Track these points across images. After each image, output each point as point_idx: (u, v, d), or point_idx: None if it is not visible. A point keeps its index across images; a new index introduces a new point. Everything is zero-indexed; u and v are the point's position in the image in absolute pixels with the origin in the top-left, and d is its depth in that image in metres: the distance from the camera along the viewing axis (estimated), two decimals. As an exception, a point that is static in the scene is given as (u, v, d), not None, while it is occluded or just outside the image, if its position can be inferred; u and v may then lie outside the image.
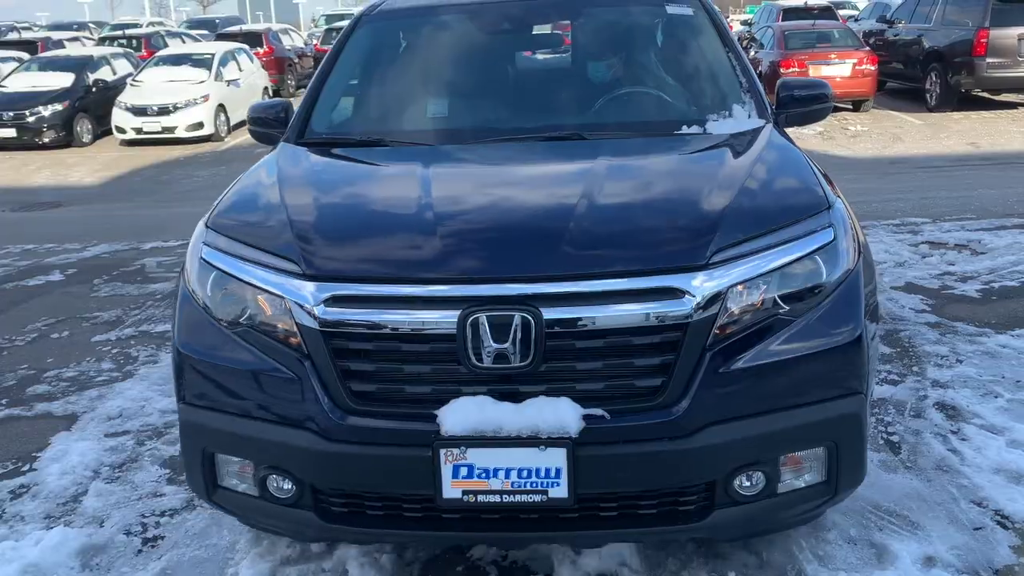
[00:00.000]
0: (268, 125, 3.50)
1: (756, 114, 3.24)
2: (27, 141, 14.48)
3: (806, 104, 3.39)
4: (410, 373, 2.23)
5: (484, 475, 2.15)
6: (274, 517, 2.50)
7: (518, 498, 2.15)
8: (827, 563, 2.80)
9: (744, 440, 2.20)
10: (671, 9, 3.71)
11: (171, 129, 14.43)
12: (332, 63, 3.66)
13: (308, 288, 2.26)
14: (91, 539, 3.09)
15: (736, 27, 25.54)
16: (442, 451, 2.14)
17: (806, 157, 2.90)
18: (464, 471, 2.15)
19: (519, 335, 2.12)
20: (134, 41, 21.59)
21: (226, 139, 15.03)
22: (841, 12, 24.01)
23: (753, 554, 2.86)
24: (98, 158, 13.84)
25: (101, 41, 22.63)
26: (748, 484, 2.29)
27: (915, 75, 15.09)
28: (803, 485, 2.35)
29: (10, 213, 10.03)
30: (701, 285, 2.18)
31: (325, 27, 25.36)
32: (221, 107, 15.09)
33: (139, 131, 14.47)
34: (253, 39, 20.57)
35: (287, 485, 2.35)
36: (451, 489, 2.16)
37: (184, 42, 21.96)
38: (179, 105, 14.46)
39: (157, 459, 3.69)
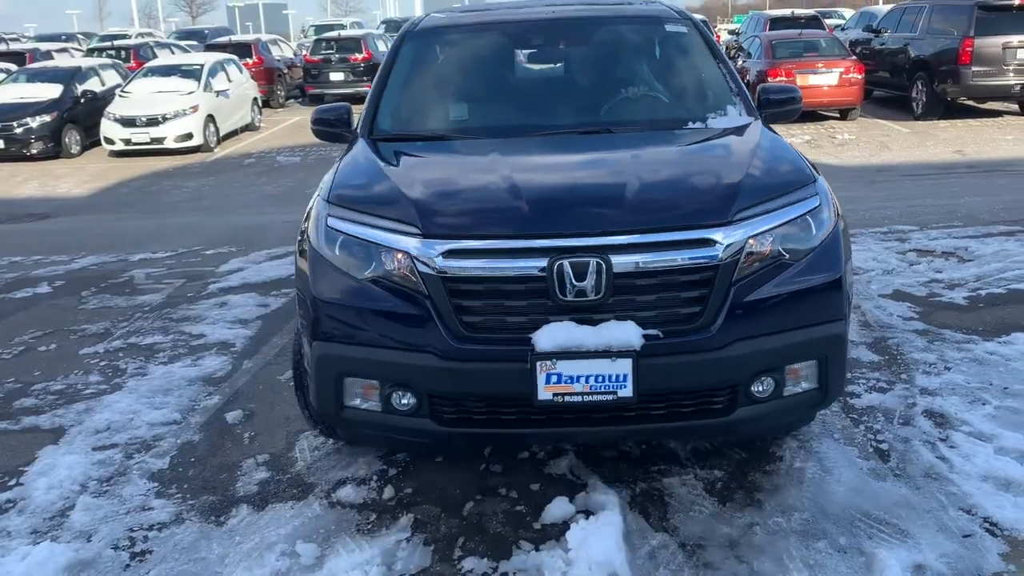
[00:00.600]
0: (331, 125, 4.15)
1: (745, 113, 3.97)
2: (15, 152, 14.41)
3: (782, 105, 4.10)
4: (509, 307, 2.89)
5: (569, 381, 2.82)
6: (394, 427, 3.13)
7: (595, 398, 2.84)
8: (817, 571, 2.81)
9: (760, 353, 2.92)
10: (668, 27, 4.46)
11: (160, 140, 14.39)
12: (388, 72, 4.30)
13: (429, 245, 2.91)
14: (78, 554, 3.07)
15: (723, 36, 25.70)
16: (538, 363, 2.80)
17: (790, 145, 3.65)
18: (554, 378, 2.82)
19: (593, 276, 2.82)
20: (123, 52, 21.52)
21: (215, 150, 15.00)
22: (828, 21, 24.20)
23: (743, 563, 2.87)
24: (86, 169, 13.79)
25: (90, 52, 22.52)
26: (762, 388, 2.98)
27: (901, 84, 15.21)
28: (801, 390, 3.05)
29: (-3, 225, 9.98)
30: (727, 237, 2.90)
31: (314, 37, 25.31)
32: (210, 118, 15.06)
33: (128, 142, 14.42)
34: (242, 50, 20.54)
35: (408, 399, 3.00)
36: (544, 392, 2.83)
37: (173, 53, 21.90)
38: (168, 116, 14.43)
39: (145, 472, 3.66)
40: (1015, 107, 14.90)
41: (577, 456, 3.61)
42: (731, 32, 30.18)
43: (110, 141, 14.55)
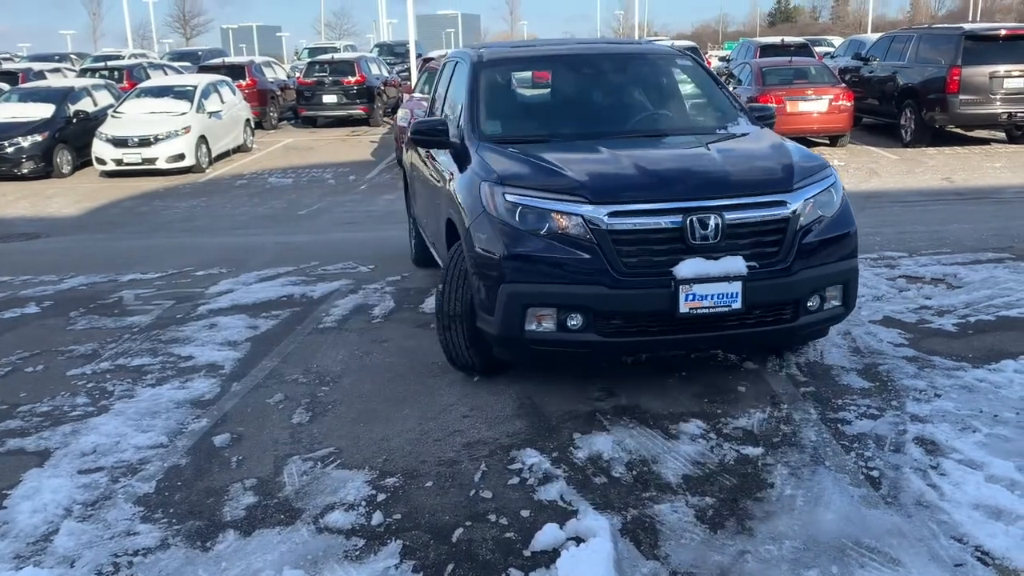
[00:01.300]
0: (429, 135, 5.26)
1: (749, 122, 5.38)
2: (6, 172, 14.38)
3: (767, 119, 5.50)
4: (655, 249, 4.11)
5: (700, 299, 4.06)
6: (565, 342, 4.23)
7: (717, 310, 4.09)
8: (809, 601, 2.78)
9: (813, 279, 4.26)
10: (679, 61, 5.99)
11: (152, 160, 14.39)
12: (475, 93, 5.36)
13: (597, 210, 4.11)
14: (61, 580, 3.02)
15: (714, 63, 25.92)
16: (680, 287, 4.04)
17: None
18: (690, 297, 4.05)
19: (713, 227, 4.09)
20: (116, 72, 21.53)
21: (207, 170, 15.00)
22: (817, 49, 24.46)
23: (735, 592, 2.84)
24: (78, 189, 13.76)
25: (83, 72, 22.55)
26: (813, 303, 4.32)
27: (890, 111, 15.36)
28: (832, 306, 4.42)
29: (-14, 244, 9.93)
30: (793, 201, 4.26)
31: (308, 60, 25.40)
32: (203, 139, 15.07)
33: (119, 162, 14.41)
34: (236, 71, 20.61)
35: (577, 320, 4.14)
36: (683, 307, 4.06)
37: (166, 74, 21.96)
38: (160, 136, 14.45)
39: (131, 496, 3.62)
40: (1002, 135, 15.06)
41: (568, 482, 3.59)
42: (721, 59, 30.48)
43: (102, 161, 14.53)
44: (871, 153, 14.28)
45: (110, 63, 23.75)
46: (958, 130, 14.95)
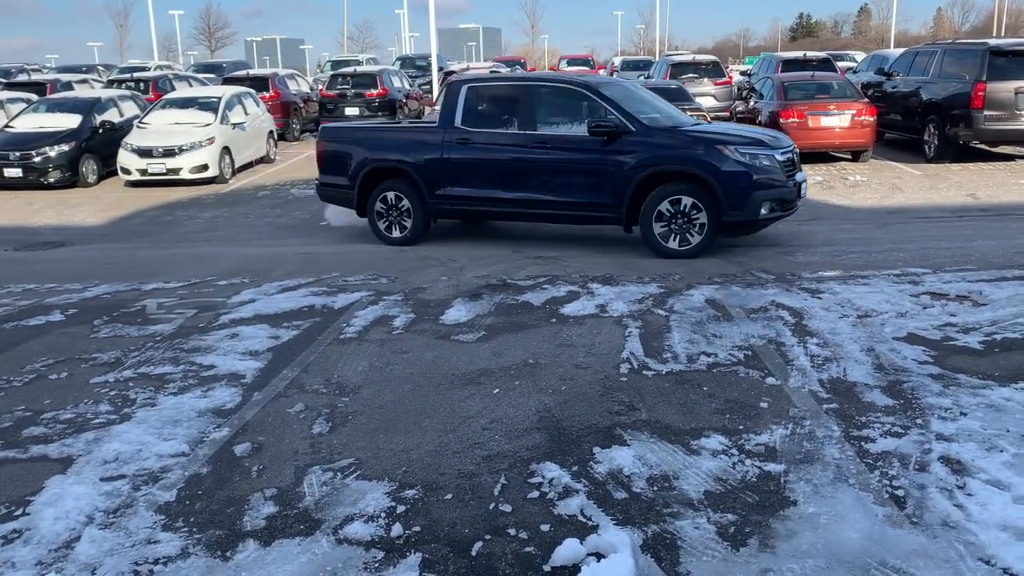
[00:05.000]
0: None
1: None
2: (33, 181, 14.56)
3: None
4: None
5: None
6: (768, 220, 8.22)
7: None
8: (833, 621, 2.75)
9: None
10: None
11: (176, 171, 14.53)
12: None
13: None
14: (83, 587, 3.04)
15: (736, 77, 25.87)
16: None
17: None
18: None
19: None
20: (142, 84, 21.77)
21: (230, 181, 15.13)
22: (840, 64, 24.34)
23: (757, 611, 2.81)
24: (103, 198, 13.92)
25: (109, 84, 22.83)
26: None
27: (913, 127, 15.24)
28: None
29: (13, 252, 10.05)
30: None
31: (331, 72, 25.61)
32: (226, 150, 15.20)
33: (144, 172, 14.56)
34: (259, 83, 20.79)
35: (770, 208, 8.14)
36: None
37: (191, 85, 22.20)
38: (184, 147, 14.58)
39: (152, 504, 3.64)
40: (1027, 151, 14.89)
41: (588, 497, 3.57)
42: (743, 73, 30.41)
43: (126, 171, 14.69)
44: (894, 168, 14.17)
45: (136, 75, 24.04)
46: (982, 146, 14.80)
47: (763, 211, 7.98)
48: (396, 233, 9.19)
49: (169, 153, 14.54)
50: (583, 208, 8.42)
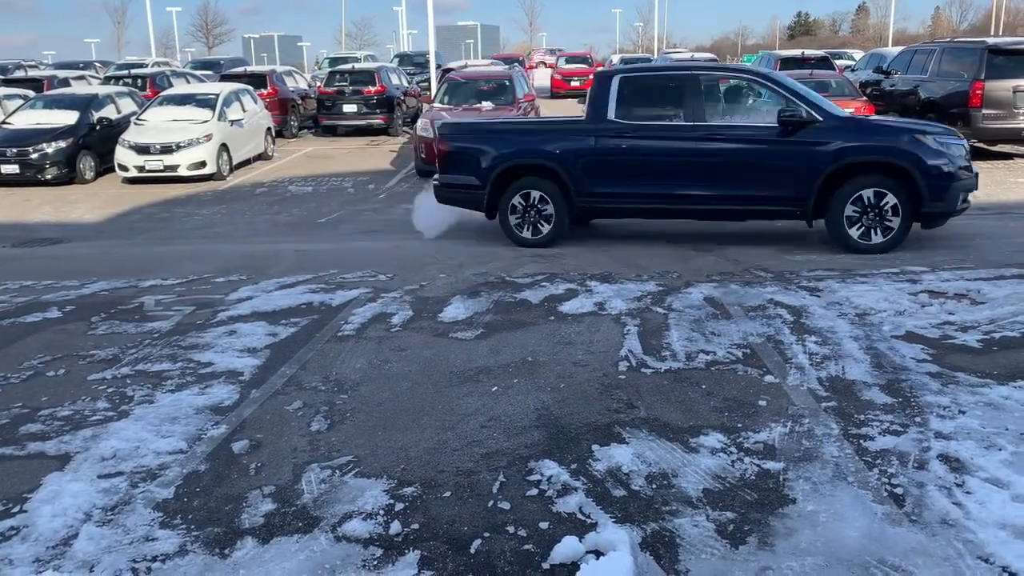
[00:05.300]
0: None
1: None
2: (30, 177, 14.53)
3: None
4: None
5: None
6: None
7: None
8: (832, 619, 2.75)
9: None
10: None
11: (173, 168, 14.50)
12: None
13: None
14: (80, 584, 3.03)
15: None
16: None
17: None
18: None
19: None
20: (139, 80, 21.73)
21: (228, 178, 15.10)
22: (838, 62, 24.34)
23: (756, 609, 2.81)
24: (100, 195, 13.89)
25: (107, 80, 22.80)
26: None
27: (912, 125, 15.24)
28: None
29: (10, 249, 10.03)
30: None
31: (329, 70, 25.55)
32: (224, 146, 15.18)
33: (141, 169, 14.53)
34: (257, 80, 20.74)
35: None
36: None
37: (189, 82, 22.15)
38: (182, 144, 14.56)
39: (150, 502, 3.63)
40: (1026, 150, 14.90)
41: (587, 494, 3.57)
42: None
43: (124, 168, 14.67)
44: (892, 167, 14.16)
45: (133, 71, 23.97)
46: (981, 145, 14.80)
47: (959, 202, 7.90)
48: (530, 234, 8.59)
49: (167, 150, 14.52)
50: (761, 202, 8.04)
